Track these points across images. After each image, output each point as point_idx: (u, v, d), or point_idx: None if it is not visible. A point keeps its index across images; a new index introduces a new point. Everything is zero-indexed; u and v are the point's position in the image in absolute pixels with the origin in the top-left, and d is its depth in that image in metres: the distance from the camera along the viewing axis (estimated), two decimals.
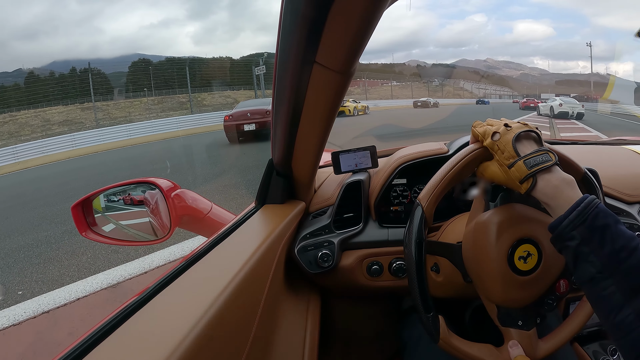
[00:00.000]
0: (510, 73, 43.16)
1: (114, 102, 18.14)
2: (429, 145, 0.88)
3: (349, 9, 0.36)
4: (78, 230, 0.86)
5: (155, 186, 0.89)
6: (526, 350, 0.58)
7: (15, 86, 17.82)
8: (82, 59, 18.75)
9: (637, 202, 0.82)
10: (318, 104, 0.52)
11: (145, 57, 19.92)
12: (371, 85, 28.85)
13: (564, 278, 0.60)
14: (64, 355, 0.34)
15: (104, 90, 18.63)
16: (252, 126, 9.40)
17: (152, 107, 18.65)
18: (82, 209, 0.87)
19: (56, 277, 2.92)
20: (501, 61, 47.66)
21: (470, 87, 31.20)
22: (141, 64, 19.65)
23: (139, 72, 19.72)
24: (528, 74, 44.46)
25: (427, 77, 31.27)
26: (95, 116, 17.09)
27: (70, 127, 16.22)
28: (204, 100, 20.30)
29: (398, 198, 0.87)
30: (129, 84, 19.39)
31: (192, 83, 20.30)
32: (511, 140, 0.54)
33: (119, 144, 15.64)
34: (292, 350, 0.64)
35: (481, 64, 45.01)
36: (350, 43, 0.40)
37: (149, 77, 19.28)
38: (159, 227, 0.90)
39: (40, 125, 16.45)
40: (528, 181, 0.51)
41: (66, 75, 18.56)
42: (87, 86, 18.40)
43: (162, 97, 19.38)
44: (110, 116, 17.60)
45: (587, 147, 1.10)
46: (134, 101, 18.86)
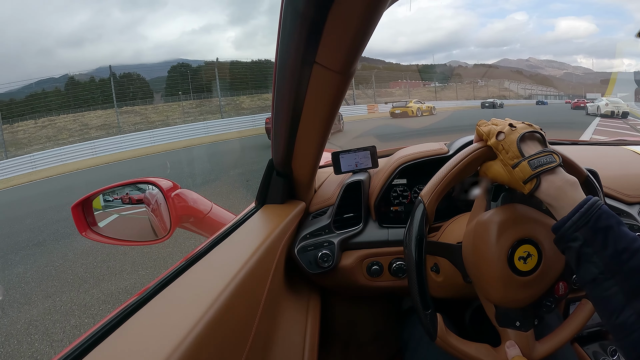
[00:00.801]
0: (553, 72, 42.24)
1: (152, 106, 18.33)
2: (429, 146, 0.88)
3: (349, 9, 0.35)
4: (78, 230, 0.86)
5: (155, 186, 0.89)
6: (523, 351, 0.58)
7: (56, 91, 18.07)
8: (126, 65, 18.92)
9: (637, 203, 0.82)
10: (318, 104, 0.52)
11: (185, 61, 19.86)
12: (413, 87, 28.58)
13: (563, 280, 0.60)
14: (64, 356, 0.34)
15: (143, 94, 18.74)
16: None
17: (190, 110, 18.68)
18: (82, 209, 0.87)
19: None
20: (544, 60, 46.78)
21: (515, 88, 30.53)
22: (180, 68, 19.76)
23: (177, 76, 19.79)
24: (572, 73, 43.55)
25: (470, 77, 30.73)
26: (124, 120, 17.68)
27: (107, 131, 16.29)
28: (242, 104, 20.22)
29: (398, 198, 0.87)
30: (168, 88, 19.45)
31: (230, 86, 20.20)
32: (516, 140, 0.54)
33: (156, 148, 15.26)
34: (292, 350, 0.64)
35: (523, 63, 44.16)
36: (350, 43, 0.40)
37: (188, 81, 19.35)
38: (159, 227, 0.90)
39: (78, 130, 16.64)
40: (532, 182, 0.51)
41: (106, 80, 18.67)
42: (126, 90, 18.55)
43: (200, 100, 19.36)
44: (147, 120, 17.66)
45: (587, 148, 1.10)
46: (172, 105, 18.95)
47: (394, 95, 25.60)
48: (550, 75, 38.85)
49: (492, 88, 29.86)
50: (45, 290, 2.95)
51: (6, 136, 15.63)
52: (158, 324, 0.38)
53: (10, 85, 16.66)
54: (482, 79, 31.27)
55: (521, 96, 28.31)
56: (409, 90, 27.79)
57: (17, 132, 16.12)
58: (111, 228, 0.90)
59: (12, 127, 16.21)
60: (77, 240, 3.98)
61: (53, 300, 2.71)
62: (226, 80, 20.08)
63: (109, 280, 2.89)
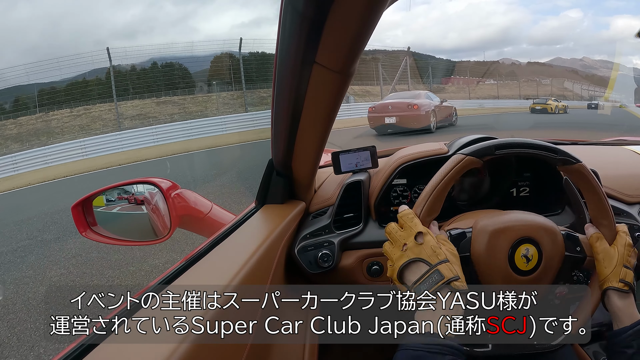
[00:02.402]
0: (608, 73, 41.12)
1: (192, 96, 17.29)
2: (429, 146, 0.88)
3: (349, 9, 0.36)
4: (78, 230, 0.86)
5: (155, 186, 0.89)
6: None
7: (96, 80, 17.19)
8: (178, 57, 17.70)
9: (637, 203, 0.82)
10: (318, 104, 0.52)
11: (230, 51, 18.39)
12: (466, 84, 26.99)
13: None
14: (64, 356, 0.34)
15: (184, 84, 17.81)
16: (392, 119, 8.31)
17: (231, 101, 17.58)
18: (82, 209, 0.87)
19: None
20: (598, 60, 45.46)
21: (576, 88, 29.62)
22: (224, 59, 18.57)
23: (220, 66, 18.67)
24: (626, 74, 42.85)
25: (525, 76, 29.80)
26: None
27: (142, 121, 15.48)
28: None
29: (398, 198, 0.87)
30: (210, 79, 18.51)
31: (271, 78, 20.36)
32: (396, 273, 0.56)
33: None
34: (293, 350, 0.64)
35: (577, 63, 42.98)
36: (350, 43, 0.40)
37: (230, 72, 18.22)
38: (159, 227, 0.90)
39: (113, 120, 15.78)
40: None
41: (147, 70, 17.88)
42: (167, 80, 17.69)
43: (241, 91, 18.21)
44: (185, 111, 16.73)
45: (587, 148, 1.10)
46: (212, 95, 17.92)
47: (447, 91, 23.77)
48: (605, 77, 38.01)
49: (551, 87, 28.95)
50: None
51: (40, 124, 14.94)
52: (158, 324, 0.38)
53: (62, 75, 15.90)
54: (541, 78, 30.31)
55: (582, 97, 26.83)
56: (463, 86, 26.28)
57: (50, 120, 15.46)
58: (111, 228, 0.90)
59: (46, 116, 15.49)
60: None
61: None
62: (268, 71, 19.07)
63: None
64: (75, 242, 3.58)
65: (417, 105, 8.47)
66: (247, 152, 9.81)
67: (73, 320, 0.40)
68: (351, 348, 1.03)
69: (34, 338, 2.30)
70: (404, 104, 8.54)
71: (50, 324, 0.41)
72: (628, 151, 1.03)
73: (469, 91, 24.96)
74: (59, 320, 0.41)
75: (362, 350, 1.05)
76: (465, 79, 27.04)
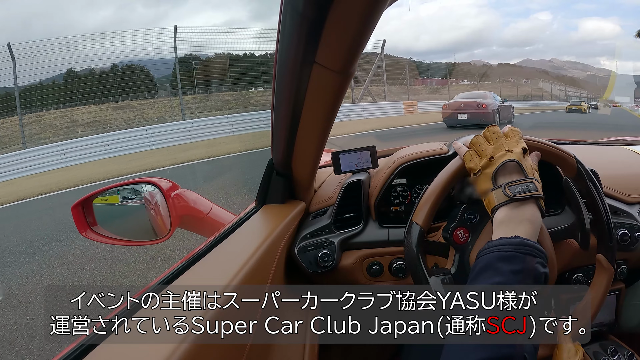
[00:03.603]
0: (577, 74, 40.98)
1: (151, 100, 16.05)
2: (429, 146, 0.88)
3: (349, 9, 0.36)
4: (78, 230, 0.86)
5: (155, 186, 0.89)
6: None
7: (53, 84, 15.84)
8: (147, 59, 16.65)
9: (637, 203, 0.82)
10: (318, 104, 0.52)
11: (193, 53, 17.38)
12: (439, 84, 26.31)
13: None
14: (64, 356, 0.34)
15: (146, 88, 16.64)
16: (464, 115, 10.00)
17: (193, 106, 16.46)
18: (82, 209, 0.87)
19: None
20: (567, 61, 45.55)
21: (550, 88, 29.80)
22: (187, 60, 17.45)
23: (184, 69, 17.51)
24: (595, 75, 42.67)
25: (496, 76, 29.85)
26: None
27: (95, 128, 14.26)
28: (252, 99, 17.92)
29: (398, 198, 0.87)
30: (174, 81, 17.16)
31: (243, 80, 17.91)
32: (491, 173, 0.56)
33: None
34: (293, 350, 0.64)
35: (546, 64, 43.05)
36: (350, 43, 0.40)
37: (194, 74, 17.34)
38: (159, 227, 0.90)
39: (65, 127, 14.59)
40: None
41: (106, 73, 16.53)
42: (126, 84, 16.35)
43: (205, 95, 17.26)
44: (143, 116, 15.44)
45: (587, 148, 1.10)
46: (173, 99, 16.66)
47: (420, 92, 23.59)
48: (575, 77, 38.08)
49: (526, 88, 29.09)
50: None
51: None
52: (158, 324, 0.38)
53: (28, 79, 14.52)
54: (518, 78, 30.42)
55: (558, 97, 27.08)
56: (437, 87, 26.00)
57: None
58: (111, 228, 0.90)
59: None
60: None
61: None
62: (235, 74, 17.97)
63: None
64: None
65: (486, 105, 10.15)
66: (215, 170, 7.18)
67: (73, 320, 0.40)
68: (351, 348, 1.03)
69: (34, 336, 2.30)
70: (474, 102, 10.25)
71: (50, 324, 0.41)
72: (628, 151, 1.02)
73: (448, 92, 24.41)
74: (59, 320, 0.41)
75: (362, 350, 1.05)
76: (439, 79, 26.83)
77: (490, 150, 0.58)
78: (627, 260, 0.78)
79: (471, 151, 0.60)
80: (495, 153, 0.57)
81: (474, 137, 0.61)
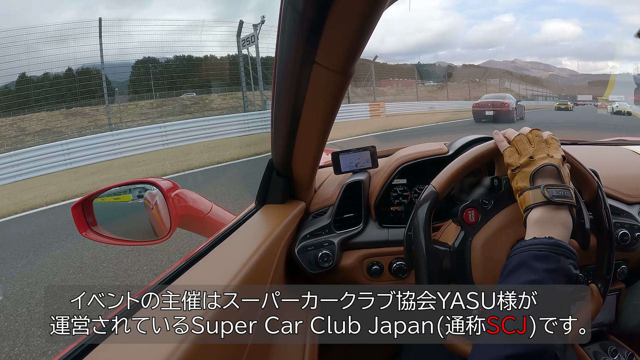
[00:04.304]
0: (539, 74, 42.01)
1: (104, 106, 14.79)
2: (429, 146, 0.88)
3: (349, 9, 0.36)
4: (78, 230, 0.86)
5: (155, 186, 0.89)
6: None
7: (5, 90, 14.57)
8: (109, 63, 15.20)
9: (637, 203, 0.82)
10: (318, 104, 0.52)
11: (152, 56, 16.45)
12: (406, 85, 26.27)
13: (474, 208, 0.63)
14: (64, 356, 0.34)
15: (101, 93, 15.32)
16: (491, 112, 12.84)
17: (149, 111, 15.57)
18: (82, 209, 0.87)
19: None
20: (529, 62, 46.47)
21: (516, 88, 30.23)
22: (145, 63, 16.68)
23: (142, 72, 16.87)
24: (557, 75, 43.59)
25: (461, 77, 30.20)
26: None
27: (45, 137, 12.95)
28: (211, 103, 17.22)
29: (398, 198, 0.87)
30: (131, 85, 16.71)
31: (204, 84, 17.14)
32: (530, 173, 0.57)
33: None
34: (293, 350, 0.64)
35: (509, 65, 43.89)
36: (350, 43, 0.40)
37: (155, 78, 16.60)
38: (159, 227, 0.90)
39: (13, 137, 13.24)
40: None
41: (61, 77, 15.27)
42: (82, 89, 15.34)
43: (163, 99, 16.48)
44: (96, 123, 14.45)
45: (587, 148, 1.10)
46: (129, 105, 15.95)
47: (386, 94, 23.54)
48: (538, 77, 38.96)
49: (492, 88, 29.64)
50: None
51: None
52: (158, 324, 0.38)
53: None
54: (487, 79, 30.81)
55: (525, 97, 27.90)
56: (402, 88, 25.96)
57: None
58: (111, 228, 0.90)
59: None
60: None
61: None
62: (196, 77, 17.15)
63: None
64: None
65: (507, 104, 13.03)
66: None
67: (73, 320, 0.40)
68: (351, 348, 1.03)
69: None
70: (499, 102, 13.18)
71: (50, 324, 0.41)
72: (628, 151, 1.02)
73: (416, 93, 24.84)
74: (59, 320, 0.41)
75: (362, 350, 1.05)
76: (404, 80, 26.83)
77: (531, 150, 0.58)
78: (627, 260, 0.78)
79: (512, 147, 0.61)
80: (535, 155, 0.58)
81: (517, 135, 0.61)
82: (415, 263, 0.61)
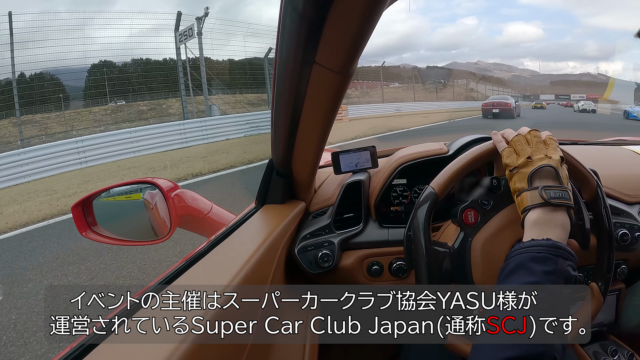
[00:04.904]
0: (501, 75, 43.08)
1: (57, 113, 13.87)
2: (429, 146, 0.88)
3: (349, 9, 0.36)
4: (78, 230, 0.86)
5: (155, 186, 0.89)
6: None
7: None
8: (72, 67, 14.51)
9: (637, 203, 0.82)
10: (318, 104, 0.53)
11: (108, 60, 15.34)
12: (370, 87, 26.47)
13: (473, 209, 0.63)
14: (64, 356, 0.34)
15: (57, 99, 14.47)
16: (497, 110, 16.26)
17: (103, 118, 14.48)
18: (82, 209, 0.87)
19: None
20: (491, 63, 47.46)
21: (482, 89, 30.79)
22: (101, 68, 15.62)
23: (98, 77, 15.73)
24: (519, 75, 44.82)
25: (427, 78, 30.65)
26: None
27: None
28: (169, 108, 16.04)
29: (398, 198, 0.87)
30: (86, 90, 15.61)
31: (162, 88, 15.82)
32: (528, 174, 0.57)
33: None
34: (293, 350, 0.64)
35: (472, 66, 44.67)
36: (350, 43, 0.40)
37: (111, 83, 15.52)
38: (159, 227, 0.90)
39: None
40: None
41: (11, 83, 13.64)
42: (35, 95, 14.06)
43: (118, 105, 15.52)
44: (46, 132, 13.31)
45: (587, 148, 1.10)
46: (82, 111, 14.84)
47: (350, 96, 23.19)
48: (500, 77, 39.72)
49: (458, 89, 30.05)
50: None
51: None
52: (158, 324, 0.38)
53: None
54: (444, 80, 31.27)
55: (489, 97, 28.72)
56: (367, 90, 25.96)
57: None
58: (111, 228, 0.90)
59: None
60: None
61: None
62: (153, 81, 15.96)
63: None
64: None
65: (510, 104, 16.64)
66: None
67: (73, 320, 0.40)
68: (351, 348, 1.03)
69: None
70: (503, 102, 16.80)
71: (50, 324, 0.41)
72: (628, 151, 1.02)
73: (382, 94, 24.86)
74: (59, 320, 0.41)
75: (362, 350, 1.05)
76: (369, 82, 26.83)
77: (529, 151, 0.58)
78: (627, 260, 0.78)
79: (510, 148, 0.61)
80: (534, 155, 0.58)
81: (515, 136, 0.61)
82: (415, 264, 0.61)
